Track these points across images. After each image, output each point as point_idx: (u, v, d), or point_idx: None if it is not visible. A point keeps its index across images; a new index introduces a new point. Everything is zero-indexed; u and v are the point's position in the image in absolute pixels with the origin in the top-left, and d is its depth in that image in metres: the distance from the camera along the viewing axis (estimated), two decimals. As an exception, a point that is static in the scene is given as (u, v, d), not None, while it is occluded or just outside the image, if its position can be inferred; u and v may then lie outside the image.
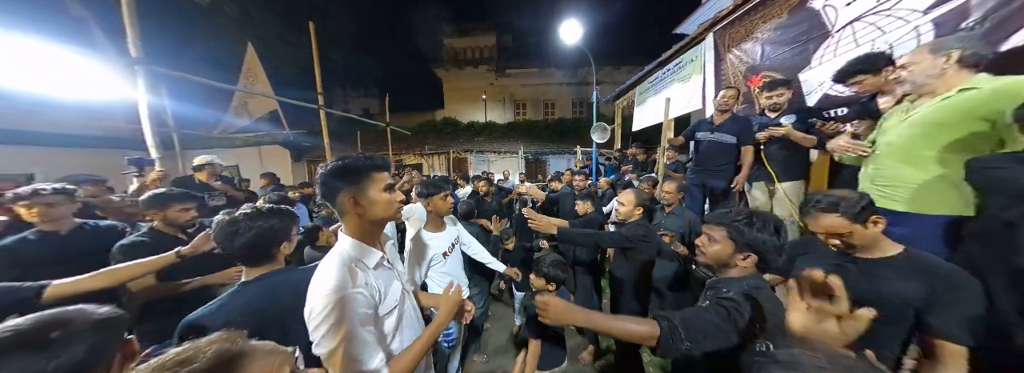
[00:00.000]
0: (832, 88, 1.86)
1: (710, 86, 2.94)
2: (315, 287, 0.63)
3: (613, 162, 4.98)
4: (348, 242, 0.70)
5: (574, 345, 1.99)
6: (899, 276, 0.79)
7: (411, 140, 10.72)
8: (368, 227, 0.71)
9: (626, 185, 2.94)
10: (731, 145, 2.05)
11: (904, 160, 1.08)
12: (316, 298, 0.61)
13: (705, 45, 3.01)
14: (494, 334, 2.33)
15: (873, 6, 1.69)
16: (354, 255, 0.68)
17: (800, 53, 2.08)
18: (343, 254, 0.67)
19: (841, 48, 1.86)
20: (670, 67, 3.73)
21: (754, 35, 2.46)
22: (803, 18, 2.07)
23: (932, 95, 1.03)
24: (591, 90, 5.77)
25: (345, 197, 0.67)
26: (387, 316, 0.71)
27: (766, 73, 2.36)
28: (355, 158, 0.69)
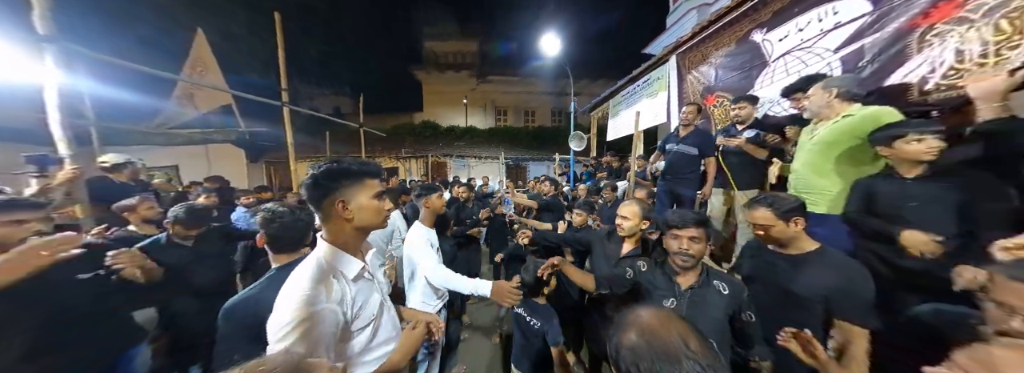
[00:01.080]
0: (770, 109, 2.19)
1: (674, 102, 3.26)
2: (286, 297, 0.60)
3: (590, 169, 5.24)
4: (327, 249, 0.67)
5: None
6: (813, 269, 0.94)
7: (386, 142, 10.26)
8: (352, 234, 0.69)
9: (597, 190, 3.12)
10: (694, 156, 2.30)
11: (814, 171, 1.38)
12: (285, 309, 0.57)
13: (669, 65, 3.35)
14: (473, 342, 2.27)
15: (798, 43, 2.04)
16: (333, 264, 0.65)
17: (745, 78, 2.42)
18: (321, 262, 0.65)
19: (776, 76, 2.19)
20: (640, 83, 4.08)
21: (709, 60, 2.81)
22: (747, 49, 2.42)
23: (827, 120, 1.35)
24: (569, 101, 6.07)
25: (332, 201, 0.65)
26: (360, 332, 0.67)
27: (719, 93, 2.68)
28: (350, 162, 0.68)
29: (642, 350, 0.43)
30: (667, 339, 0.42)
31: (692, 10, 6.21)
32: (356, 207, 0.66)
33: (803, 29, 2.01)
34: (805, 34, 1.99)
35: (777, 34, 2.18)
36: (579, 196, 3.43)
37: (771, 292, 1.01)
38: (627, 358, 0.44)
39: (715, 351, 0.43)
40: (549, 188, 3.30)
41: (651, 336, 0.43)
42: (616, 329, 0.49)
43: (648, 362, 0.41)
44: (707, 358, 0.40)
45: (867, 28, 1.66)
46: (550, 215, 2.87)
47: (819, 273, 0.93)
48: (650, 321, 0.46)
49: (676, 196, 2.43)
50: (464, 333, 2.30)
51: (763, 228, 0.99)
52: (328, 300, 0.59)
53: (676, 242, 0.94)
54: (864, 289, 0.89)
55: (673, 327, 0.45)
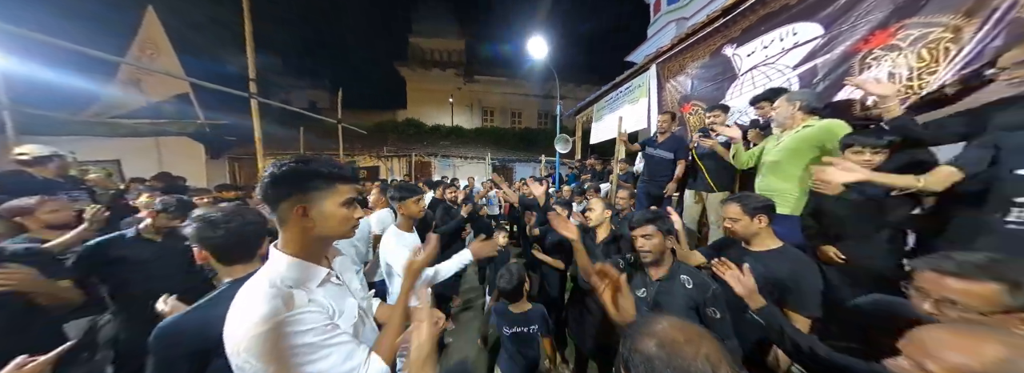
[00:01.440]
0: (739, 118, 2.38)
1: (654, 109, 3.43)
2: (235, 322, 0.51)
3: (574, 171, 5.36)
4: (283, 261, 0.58)
5: None
6: (773, 265, 1.04)
7: (367, 140, 9.83)
8: (312, 243, 0.61)
9: (582, 192, 3.21)
10: (669, 160, 2.50)
11: (778, 176, 1.54)
12: (239, 336, 0.49)
13: (649, 74, 3.53)
14: (458, 348, 2.21)
15: (763, 59, 2.24)
16: (290, 277, 0.57)
17: (718, 89, 2.61)
18: (274, 276, 0.56)
19: (744, 88, 2.39)
20: (622, 90, 4.26)
21: (685, 70, 3.00)
22: (719, 62, 2.61)
23: (790, 129, 1.51)
24: (556, 104, 6.18)
25: (292, 205, 0.57)
26: None
27: (695, 102, 2.87)
28: (320, 162, 0.60)
29: (659, 363, 0.40)
30: (691, 359, 0.39)
31: (671, 23, 6.60)
32: (319, 214, 0.58)
33: (768, 46, 2.21)
34: (769, 51, 2.19)
35: (746, 50, 2.38)
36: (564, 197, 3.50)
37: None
38: (640, 364, 0.41)
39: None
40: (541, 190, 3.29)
41: (673, 351, 0.40)
42: (637, 332, 0.46)
43: None
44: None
45: (820, 49, 1.87)
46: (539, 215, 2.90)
47: (777, 268, 1.03)
48: (676, 335, 0.43)
49: (653, 197, 2.60)
50: (448, 337, 2.26)
51: (732, 222, 1.10)
52: (291, 310, 0.52)
53: (636, 240, 1.04)
54: (813, 284, 1.00)
55: (703, 348, 0.40)
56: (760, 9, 2.26)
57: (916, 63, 1.45)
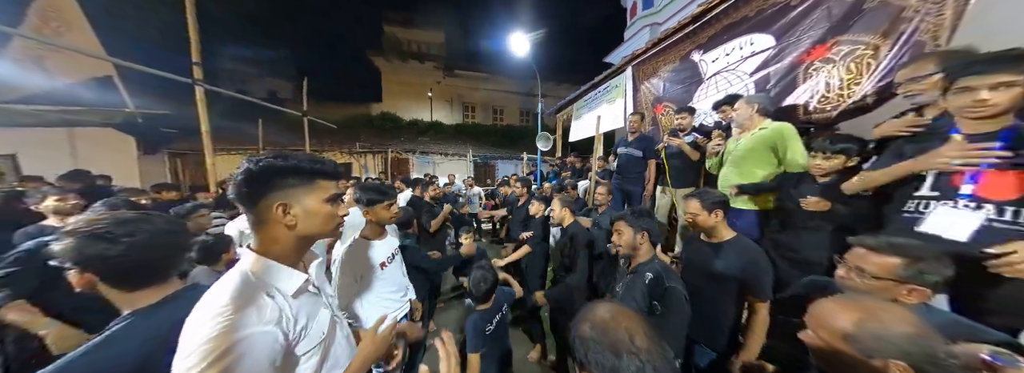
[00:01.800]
0: (704, 120, 2.59)
1: (630, 109, 3.60)
2: (196, 324, 0.47)
3: (555, 169, 5.49)
4: (259, 263, 0.56)
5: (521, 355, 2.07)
6: (728, 255, 1.17)
7: (338, 135, 9.20)
8: (294, 243, 0.59)
9: (562, 188, 3.31)
10: (640, 158, 2.69)
11: (737, 174, 1.70)
12: (195, 342, 0.44)
13: (626, 75, 3.70)
14: None
15: (725, 65, 2.44)
16: (265, 279, 0.55)
17: (686, 92, 2.81)
18: (249, 278, 0.53)
19: (709, 92, 2.59)
20: (600, 90, 4.41)
21: (658, 73, 3.18)
22: (688, 66, 2.80)
23: (748, 131, 1.67)
24: (537, 102, 6.25)
25: (273, 203, 0.55)
26: (307, 357, 0.57)
27: (666, 103, 3.06)
28: (300, 157, 0.58)
29: (593, 342, 0.46)
30: (615, 334, 0.46)
31: (645, 27, 6.93)
32: (302, 212, 0.56)
33: (729, 54, 2.41)
34: (731, 58, 2.40)
35: (711, 56, 2.58)
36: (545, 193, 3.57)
37: (700, 274, 1.22)
38: (580, 348, 0.48)
39: (661, 347, 0.46)
40: (522, 190, 3.24)
41: (602, 330, 0.47)
42: (577, 320, 0.53)
43: (596, 353, 0.45)
44: (650, 354, 0.44)
45: (772, 59, 2.08)
46: None
47: (733, 257, 1.15)
48: (603, 315, 0.50)
49: (626, 193, 2.77)
50: (431, 338, 2.23)
51: (692, 216, 1.21)
52: (260, 322, 0.48)
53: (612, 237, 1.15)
54: (765, 270, 1.13)
55: (623, 322, 0.48)
56: (724, 19, 2.45)
57: (845, 75, 1.68)
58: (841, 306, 0.56)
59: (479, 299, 1.31)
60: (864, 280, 0.74)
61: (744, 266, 1.12)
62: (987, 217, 0.85)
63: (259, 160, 0.55)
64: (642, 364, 0.43)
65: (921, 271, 0.70)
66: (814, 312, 0.59)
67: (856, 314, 0.53)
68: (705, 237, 1.26)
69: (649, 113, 3.24)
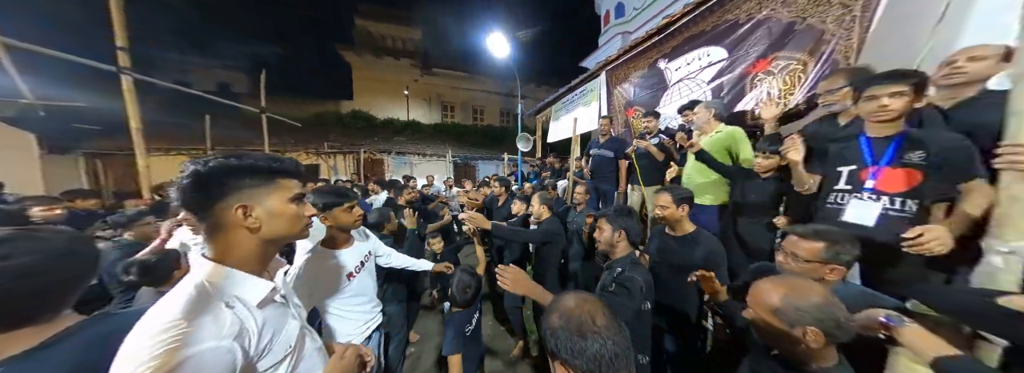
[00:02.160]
0: (669, 123, 2.81)
1: (604, 112, 3.80)
2: (136, 343, 0.40)
3: (536, 169, 5.60)
4: (217, 271, 0.50)
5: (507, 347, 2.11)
6: (690, 246, 1.30)
7: (303, 134, 8.56)
8: (258, 248, 0.54)
9: (543, 188, 3.41)
10: (611, 158, 2.86)
11: (698, 173, 1.88)
12: (132, 363, 0.38)
13: (600, 80, 3.89)
14: (425, 356, 2.14)
15: (686, 74, 2.68)
16: (225, 289, 0.49)
17: (654, 96, 3.03)
18: (204, 288, 0.48)
19: (673, 98, 2.82)
20: (577, 93, 4.59)
21: (629, 79, 3.40)
22: (655, 73, 3.03)
23: (706, 133, 1.87)
24: (517, 102, 6.33)
25: (231, 206, 0.50)
26: (273, 369, 0.53)
27: (636, 107, 3.28)
28: (254, 156, 0.54)
29: (561, 330, 0.49)
30: (579, 318, 0.50)
31: (618, 35, 7.33)
32: (265, 213, 0.53)
33: (690, 64, 2.65)
34: (691, 67, 2.64)
35: (675, 64, 2.82)
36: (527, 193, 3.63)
37: (666, 264, 1.34)
38: (551, 339, 0.50)
39: (618, 324, 0.51)
40: (500, 189, 3.30)
41: (567, 317, 0.51)
42: (546, 313, 0.55)
43: (564, 340, 0.48)
44: (609, 330, 0.48)
45: (725, 69, 2.33)
46: None
47: (695, 248, 1.29)
48: (567, 303, 0.53)
49: (601, 191, 2.95)
50: (411, 347, 2.16)
51: (662, 209, 1.34)
52: (217, 335, 0.44)
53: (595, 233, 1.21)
54: (722, 259, 1.28)
55: (585, 307, 0.51)
56: (685, 32, 2.70)
57: (782, 86, 1.94)
58: (771, 285, 0.67)
59: (463, 305, 1.30)
60: (798, 263, 0.88)
61: (706, 256, 1.26)
62: (884, 207, 1.05)
63: (207, 161, 0.50)
64: (603, 340, 0.47)
65: (838, 252, 0.85)
66: (752, 292, 0.70)
67: (782, 291, 0.64)
68: (670, 230, 1.39)
69: (621, 116, 3.45)
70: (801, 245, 0.89)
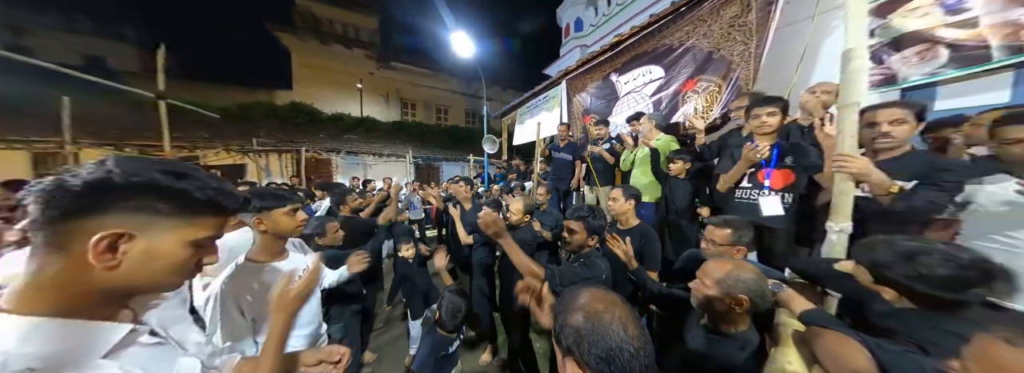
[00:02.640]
0: (619, 131, 3.15)
1: (565, 118, 4.07)
2: None
3: (502, 171, 5.67)
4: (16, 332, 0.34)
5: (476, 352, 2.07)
6: (634, 237, 1.48)
7: (222, 128, 7.22)
8: (94, 296, 0.38)
9: (510, 190, 3.49)
10: (569, 161, 3.17)
11: (641, 174, 2.21)
12: None
13: (561, 88, 4.16)
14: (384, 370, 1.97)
15: (634, 88, 3.05)
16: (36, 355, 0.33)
17: (607, 106, 3.37)
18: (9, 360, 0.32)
19: (623, 108, 3.18)
20: (540, 98, 4.82)
21: (586, 88, 3.71)
22: (608, 85, 3.37)
23: (648, 141, 2.17)
24: (483, 104, 6.34)
25: (98, 229, 0.35)
26: None
27: (592, 114, 3.59)
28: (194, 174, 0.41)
29: (586, 331, 0.45)
30: (609, 324, 0.45)
31: (576, 47, 7.92)
32: (145, 254, 0.38)
33: (636, 79, 3.03)
34: (637, 82, 3.01)
35: (624, 78, 3.18)
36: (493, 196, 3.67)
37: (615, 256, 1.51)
38: (570, 336, 0.46)
39: (647, 337, 0.47)
40: (465, 188, 3.31)
41: (596, 320, 0.46)
42: (564, 306, 0.51)
43: (588, 343, 0.44)
44: (639, 342, 0.44)
45: (663, 86, 2.72)
46: None
47: (637, 239, 1.48)
48: (596, 305, 0.48)
49: (560, 191, 3.22)
50: (367, 368, 1.96)
51: (613, 201, 1.55)
52: None
53: (565, 234, 1.26)
54: (657, 249, 1.51)
55: (617, 312, 0.47)
56: (632, 50, 3.07)
57: (704, 103, 2.35)
58: (718, 263, 0.84)
59: (451, 329, 1.23)
60: (715, 247, 1.11)
61: (644, 244, 1.48)
62: (780, 201, 1.39)
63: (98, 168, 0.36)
64: (633, 352, 0.44)
65: (740, 236, 1.10)
66: (704, 267, 0.85)
67: (727, 267, 0.80)
68: (620, 225, 1.59)
69: (580, 122, 3.74)
70: (716, 233, 1.12)
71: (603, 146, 2.71)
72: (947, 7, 1.80)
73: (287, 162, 7.88)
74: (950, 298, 0.64)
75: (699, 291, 0.83)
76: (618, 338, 0.44)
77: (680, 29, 2.54)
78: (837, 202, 1.08)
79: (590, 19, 7.74)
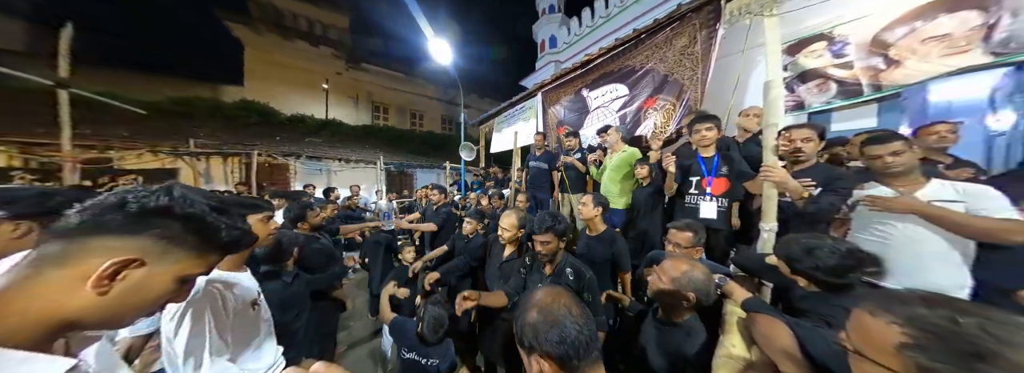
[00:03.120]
0: (589, 142, 3.39)
1: (540, 128, 4.26)
2: None
3: (479, 179, 5.68)
4: None
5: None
6: (602, 243, 1.62)
7: (150, 125, 6.24)
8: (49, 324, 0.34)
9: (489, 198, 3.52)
10: (546, 170, 3.29)
11: (609, 182, 2.38)
12: None
13: (537, 99, 4.38)
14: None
15: (602, 103, 3.33)
16: None
17: (578, 119, 3.62)
18: None
19: (593, 121, 3.44)
20: (517, 108, 5.01)
21: (560, 101, 3.95)
22: (580, 99, 3.63)
23: (616, 152, 2.38)
24: (460, 111, 6.38)
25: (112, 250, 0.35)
26: None
27: (565, 126, 3.82)
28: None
29: (541, 324, 0.52)
30: (557, 310, 0.53)
31: (551, 62, 8.42)
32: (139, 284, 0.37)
33: (604, 95, 3.31)
34: (605, 98, 3.30)
35: (594, 94, 3.46)
36: (470, 204, 3.65)
37: (587, 258, 1.61)
38: (529, 334, 0.52)
39: (589, 314, 0.56)
40: (439, 196, 3.25)
41: (546, 311, 0.53)
42: (521, 309, 0.57)
43: (544, 333, 0.50)
44: (583, 318, 0.53)
45: (627, 103, 3.01)
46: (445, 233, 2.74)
47: (606, 244, 1.62)
48: (545, 299, 0.56)
49: (538, 199, 3.32)
50: None
51: (583, 206, 1.69)
52: None
53: (536, 244, 1.29)
54: (625, 251, 1.64)
55: (561, 300, 0.55)
56: (601, 69, 3.38)
57: (662, 120, 2.65)
58: (675, 263, 0.94)
59: (432, 344, 1.16)
60: (677, 249, 1.26)
61: (614, 249, 1.60)
62: (716, 206, 1.58)
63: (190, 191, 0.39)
64: (580, 327, 0.52)
65: (699, 238, 1.26)
66: (663, 265, 0.95)
67: (683, 267, 0.91)
68: (590, 232, 1.72)
69: (554, 133, 3.95)
70: (679, 236, 1.27)
71: (575, 156, 2.89)
72: (833, 51, 2.32)
73: (234, 167, 6.95)
74: (838, 282, 0.82)
75: (655, 285, 0.94)
76: (567, 320, 0.52)
77: (641, 53, 2.87)
78: (766, 206, 1.30)
79: (564, 37, 8.32)
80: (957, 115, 1.70)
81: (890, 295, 0.42)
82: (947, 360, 0.33)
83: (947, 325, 0.34)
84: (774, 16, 1.54)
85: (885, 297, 0.41)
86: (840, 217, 1.26)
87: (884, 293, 0.44)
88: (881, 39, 2.07)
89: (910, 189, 1.02)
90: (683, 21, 2.44)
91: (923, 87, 1.95)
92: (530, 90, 4.53)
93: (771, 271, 1.03)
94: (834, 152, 1.73)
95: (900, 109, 2.08)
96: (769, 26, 1.52)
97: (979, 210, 0.91)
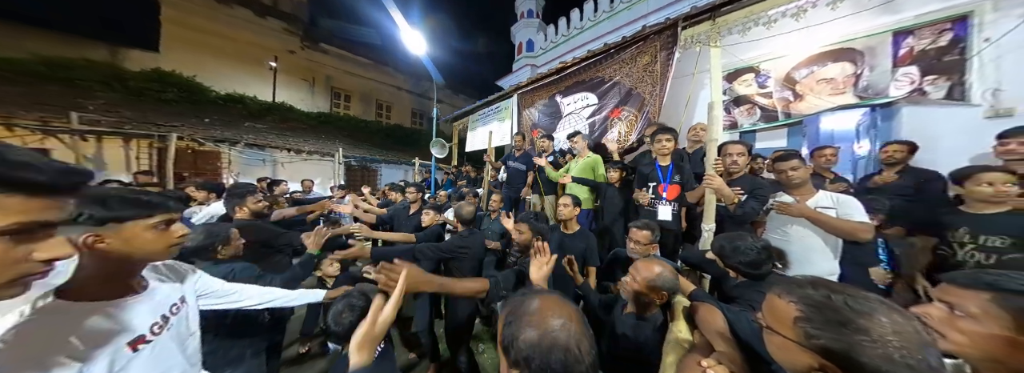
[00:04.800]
0: (561, 146, 3.57)
1: (515, 129, 4.34)
2: None
3: (451, 177, 5.55)
4: None
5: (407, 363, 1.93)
6: (575, 240, 1.75)
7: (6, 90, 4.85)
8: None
9: (461, 196, 3.47)
10: (523, 171, 3.36)
11: (578, 185, 2.53)
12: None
13: (512, 100, 4.46)
14: None
15: (573, 110, 3.53)
16: None
17: (552, 123, 3.78)
18: None
19: (565, 126, 3.63)
20: (493, 108, 5.03)
21: (535, 104, 4.08)
22: (553, 104, 3.80)
23: (582, 156, 2.57)
24: (432, 106, 6.16)
25: None
26: None
27: (539, 129, 3.96)
28: None
29: (538, 352, 0.44)
30: (565, 344, 0.44)
31: (527, 66, 8.60)
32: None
33: (576, 102, 3.52)
34: (576, 105, 3.50)
35: (567, 100, 3.64)
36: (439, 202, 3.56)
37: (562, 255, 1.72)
38: (522, 351, 0.44)
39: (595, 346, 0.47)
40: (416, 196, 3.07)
41: (551, 341, 0.44)
42: (516, 315, 0.48)
43: (539, 361, 0.43)
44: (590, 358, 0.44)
45: (596, 111, 3.24)
46: None
47: (579, 241, 1.75)
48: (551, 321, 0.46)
49: (513, 200, 3.38)
50: None
51: (564, 207, 1.82)
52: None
53: (513, 233, 1.42)
54: (595, 248, 1.79)
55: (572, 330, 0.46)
56: (573, 78, 3.58)
57: (626, 129, 2.92)
58: (647, 265, 1.04)
59: (340, 337, 0.95)
60: (640, 247, 1.41)
61: (585, 245, 1.74)
62: (672, 209, 1.82)
63: None
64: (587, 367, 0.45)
65: (656, 237, 1.43)
66: (636, 265, 1.04)
67: (655, 269, 1.01)
68: (564, 229, 1.85)
69: (529, 135, 4.06)
70: (639, 234, 1.42)
71: (548, 158, 3.03)
72: (758, 83, 2.81)
73: (141, 152, 5.65)
74: (757, 273, 1.02)
75: (630, 286, 1.03)
76: (572, 359, 0.44)
77: (610, 66, 3.12)
78: (706, 210, 1.54)
79: (540, 43, 8.55)
80: (837, 141, 2.26)
81: (792, 280, 0.53)
82: (824, 327, 0.43)
83: (824, 301, 0.45)
84: (718, 47, 1.85)
85: (788, 282, 0.53)
86: (759, 219, 1.55)
87: (788, 279, 0.57)
88: (791, 76, 2.60)
89: (804, 198, 1.32)
90: (647, 41, 2.72)
91: (817, 118, 2.52)
92: (507, 91, 4.58)
93: (710, 264, 1.23)
94: (752, 166, 2.12)
95: (802, 134, 2.67)
96: (714, 55, 1.81)
97: (845, 215, 1.20)
